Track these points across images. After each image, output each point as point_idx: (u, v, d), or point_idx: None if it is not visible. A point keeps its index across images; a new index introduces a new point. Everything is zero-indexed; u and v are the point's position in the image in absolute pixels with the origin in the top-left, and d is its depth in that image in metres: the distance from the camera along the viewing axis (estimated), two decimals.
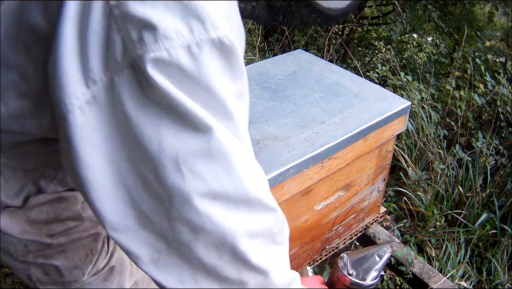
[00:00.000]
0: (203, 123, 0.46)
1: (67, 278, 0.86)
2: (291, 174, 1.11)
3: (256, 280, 0.53)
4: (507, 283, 1.81)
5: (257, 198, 0.52)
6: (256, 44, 3.22)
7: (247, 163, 0.51)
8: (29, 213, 0.75)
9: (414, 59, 3.38)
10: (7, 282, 1.84)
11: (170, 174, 0.45)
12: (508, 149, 2.35)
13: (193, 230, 0.47)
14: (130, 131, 0.46)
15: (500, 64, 3.06)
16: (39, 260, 0.81)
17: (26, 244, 0.77)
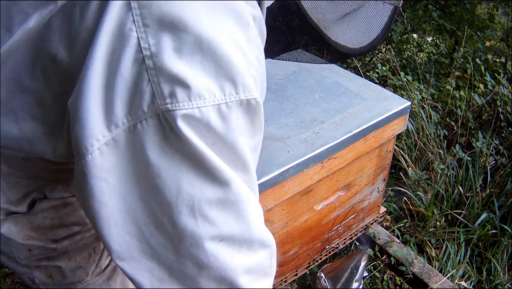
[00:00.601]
0: (223, 176, 0.49)
1: (70, 279, 0.86)
2: (291, 174, 1.11)
3: None
4: (507, 283, 1.80)
5: (259, 239, 0.56)
6: None
7: (256, 210, 0.55)
8: (34, 219, 0.75)
9: (414, 59, 3.37)
10: (7, 282, 1.84)
11: (184, 218, 0.49)
12: (508, 149, 2.34)
13: (199, 266, 0.51)
14: (147, 174, 0.48)
15: (500, 64, 3.06)
16: (42, 263, 0.81)
17: (30, 248, 0.78)
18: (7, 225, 0.73)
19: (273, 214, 1.19)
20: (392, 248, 1.68)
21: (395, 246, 1.69)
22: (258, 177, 0.96)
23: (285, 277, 1.44)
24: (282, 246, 1.32)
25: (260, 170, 1.06)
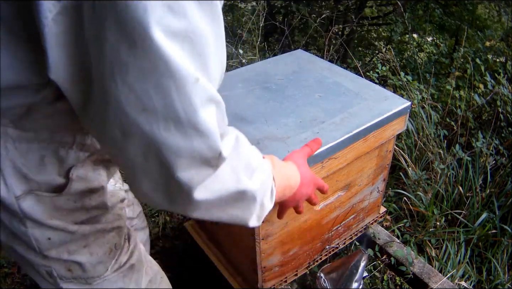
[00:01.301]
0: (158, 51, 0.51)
1: (90, 274, 0.87)
2: None
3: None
4: (507, 283, 1.80)
5: (193, 123, 0.56)
6: (256, 44, 3.22)
7: (200, 93, 0.56)
8: (57, 200, 0.76)
9: (414, 59, 3.38)
10: (7, 282, 1.84)
11: (112, 84, 0.52)
12: (508, 149, 2.34)
13: (124, 133, 0.55)
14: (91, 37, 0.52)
15: (500, 64, 3.06)
16: (63, 256, 0.82)
17: (50, 236, 0.78)
18: (30, 202, 0.73)
19: (273, 214, 1.19)
20: (392, 248, 1.68)
21: (395, 246, 1.68)
22: None
23: (285, 277, 1.44)
24: (282, 246, 1.32)
25: None
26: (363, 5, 4.69)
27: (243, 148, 0.69)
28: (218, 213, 0.69)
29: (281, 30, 3.96)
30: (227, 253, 1.55)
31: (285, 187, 0.87)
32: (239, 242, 1.34)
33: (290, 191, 0.90)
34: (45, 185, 0.74)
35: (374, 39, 5.62)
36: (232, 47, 3.49)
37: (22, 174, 0.71)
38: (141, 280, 0.98)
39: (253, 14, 3.48)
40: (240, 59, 3.33)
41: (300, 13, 4.04)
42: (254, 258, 1.27)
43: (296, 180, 0.92)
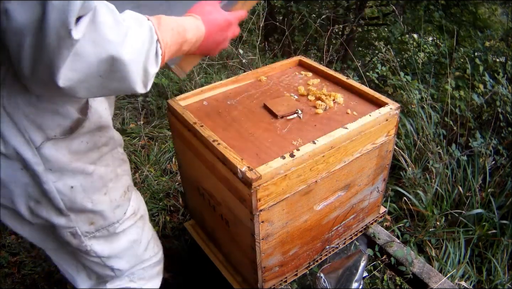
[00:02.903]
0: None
1: (110, 220, 0.99)
2: None
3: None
4: (507, 283, 1.81)
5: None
6: (256, 44, 3.22)
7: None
8: (71, 144, 0.85)
9: (414, 59, 3.37)
10: (7, 282, 1.84)
11: None
12: (507, 149, 2.34)
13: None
14: None
15: (500, 64, 3.06)
16: (88, 206, 0.92)
17: (72, 183, 0.88)
18: (49, 150, 0.82)
19: (273, 214, 1.20)
20: (392, 248, 1.68)
21: (395, 246, 1.69)
22: None
23: (285, 277, 1.44)
24: (282, 246, 1.32)
25: None
26: (363, 5, 4.69)
27: (105, 17, 0.67)
28: (99, 90, 0.70)
29: (281, 30, 3.95)
30: (227, 253, 1.55)
31: (181, 43, 0.85)
32: (239, 242, 1.34)
33: (191, 44, 0.88)
34: (59, 129, 0.82)
35: (374, 39, 5.61)
36: (232, 47, 3.49)
37: (37, 125, 0.79)
38: (148, 230, 1.15)
39: (253, 14, 3.48)
40: (240, 59, 3.33)
41: (300, 13, 4.04)
42: (254, 258, 1.27)
43: (195, 32, 0.89)
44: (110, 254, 1.05)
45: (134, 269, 1.16)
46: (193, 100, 1.47)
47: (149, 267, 1.21)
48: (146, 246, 1.17)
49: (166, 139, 2.71)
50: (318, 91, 1.48)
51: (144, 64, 0.73)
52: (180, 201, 2.18)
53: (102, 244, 1.02)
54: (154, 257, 1.23)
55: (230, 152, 1.16)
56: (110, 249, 1.04)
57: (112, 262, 1.07)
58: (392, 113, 1.37)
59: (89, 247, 1.00)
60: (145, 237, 1.15)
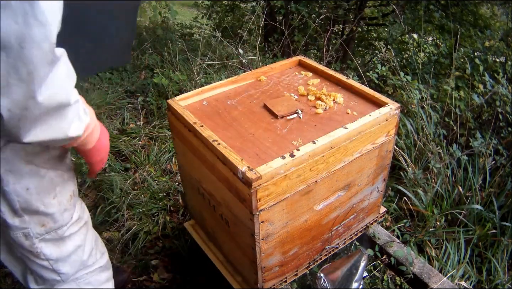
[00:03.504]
0: None
1: (59, 223, 1.08)
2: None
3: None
4: (507, 283, 1.80)
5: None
6: (256, 44, 3.22)
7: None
8: (27, 147, 0.93)
9: (414, 59, 3.38)
10: (7, 282, 1.84)
11: None
12: (507, 149, 2.34)
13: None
14: None
15: (500, 64, 3.06)
16: (40, 208, 1.01)
17: (27, 185, 0.97)
18: (9, 152, 0.91)
19: (273, 214, 1.20)
20: (392, 248, 1.68)
21: (395, 246, 1.69)
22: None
23: (285, 277, 1.44)
24: (282, 246, 1.32)
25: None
26: (363, 5, 4.69)
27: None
28: (41, 127, 0.79)
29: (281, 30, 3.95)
30: (227, 253, 1.55)
31: (94, 123, 0.97)
32: (239, 242, 1.34)
33: (96, 133, 0.99)
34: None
35: (374, 39, 5.61)
36: (232, 47, 3.49)
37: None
38: (91, 236, 1.22)
39: (253, 14, 3.48)
40: (240, 59, 3.33)
41: (300, 14, 4.03)
42: (254, 258, 1.27)
43: (98, 129, 1.01)
44: (57, 257, 1.12)
45: (78, 274, 1.21)
46: (193, 100, 1.47)
47: (94, 272, 1.26)
48: (90, 252, 1.22)
49: (166, 140, 2.71)
50: (318, 91, 1.48)
51: (79, 111, 0.88)
52: (180, 201, 2.18)
53: (50, 247, 1.09)
54: (98, 262, 1.27)
55: (230, 152, 1.16)
56: (58, 253, 1.12)
57: (59, 265, 1.14)
58: (392, 113, 1.37)
59: (39, 249, 1.07)
60: (88, 243, 1.22)
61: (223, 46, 3.75)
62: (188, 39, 4.47)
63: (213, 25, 5.14)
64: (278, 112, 1.36)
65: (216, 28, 4.47)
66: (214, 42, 3.91)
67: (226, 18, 5.85)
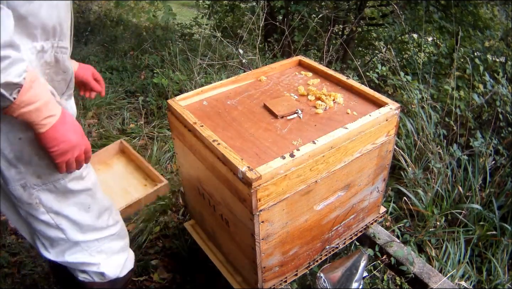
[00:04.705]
0: None
1: (57, 175, 1.06)
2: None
3: None
4: (507, 283, 1.80)
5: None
6: (256, 44, 3.22)
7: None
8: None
9: (414, 59, 3.37)
10: (7, 282, 1.84)
11: None
12: (507, 149, 2.34)
13: None
14: None
15: (500, 64, 3.06)
16: (34, 160, 1.01)
17: (20, 135, 0.96)
18: (2, 102, 0.87)
19: (273, 214, 1.20)
20: (392, 248, 1.68)
21: (395, 246, 1.68)
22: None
23: (285, 277, 1.44)
24: (282, 246, 1.32)
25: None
26: (363, 6, 4.69)
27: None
28: None
29: (281, 30, 3.95)
30: (227, 253, 1.55)
31: (40, 95, 0.90)
32: (239, 242, 1.34)
33: (46, 108, 0.93)
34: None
35: (374, 39, 5.61)
36: (232, 47, 3.49)
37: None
38: (101, 199, 1.20)
39: (253, 14, 3.48)
40: (240, 59, 3.33)
41: (300, 14, 4.03)
42: (254, 258, 1.27)
43: (55, 107, 0.96)
44: (58, 210, 1.11)
45: (88, 238, 1.19)
46: (193, 100, 1.47)
47: (105, 239, 1.23)
48: (98, 214, 1.20)
49: (166, 140, 2.71)
50: (318, 91, 1.48)
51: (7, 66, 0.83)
52: (180, 201, 2.18)
53: (49, 197, 1.08)
54: (110, 228, 1.24)
55: (230, 152, 1.16)
56: (58, 206, 1.10)
57: (60, 220, 1.12)
58: (392, 113, 1.37)
59: (37, 200, 1.07)
60: (97, 204, 1.19)
61: (223, 46, 3.75)
62: (188, 39, 4.47)
63: (213, 25, 5.14)
64: (278, 112, 1.36)
65: (216, 28, 4.48)
66: (214, 42, 3.91)
67: (226, 18, 5.85)
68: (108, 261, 1.25)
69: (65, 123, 0.98)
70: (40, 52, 0.97)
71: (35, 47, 0.96)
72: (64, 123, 0.98)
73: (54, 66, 1.03)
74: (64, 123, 0.98)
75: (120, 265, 1.29)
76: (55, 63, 1.03)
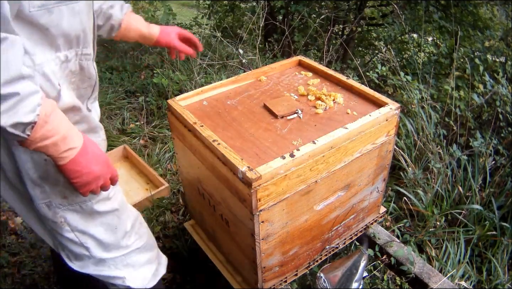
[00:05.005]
0: None
1: (81, 198, 1.04)
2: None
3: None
4: (507, 283, 1.81)
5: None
6: (256, 44, 3.22)
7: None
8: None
9: (414, 59, 3.37)
10: (7, 282, 1.84)
11: None
12: (507, 149, 2.34)
13: None
14: None
15: (500, 64, 3.06)
16: (60, 179, 0.98)
17: (46, 157, 0.94)
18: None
19: (273, 214, 1.20)
20: (392, 248, 1.68)
21: (395, 246, 1.68)
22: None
23: (285, 277, 1.44)
24: (282, 246, 1.32)
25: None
26: (363, 6, 4.69)
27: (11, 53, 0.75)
28: None
29: (281, 30, 3.95)
30: (227, 253, 1.55)
31: (57, 129, 0.85)
32: (239, 242, 1.34)
33: (64, 142, 0.88)
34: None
35: (374, 39, 5.61)
36: (232, 47, 3.49)
37: None
38: (126, 218, 1.17)
39: (253, 14, 3.48)
40: (240, 59, 3.33)
41: (300, 13, 4.03)
42: (254, 258, 1.27)
43: (76, 139, 0.91)
44: (84, 229, 1.08)
45: (112, 255, 1.16)
46: (193, 100, 1.47)
47: (131, 253, 1.20)
48: (124, 233, 1.17)
49: (166, 140, 2.71)
50: (318, 91, 1.48)
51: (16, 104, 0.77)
52: (180, 201, 2.18)
53: (75, 217, 1.06)
54: (137, 243, 1.21)
55: (230, 152, 1.16)
56: (84, 226, 1.08)
57: (85, 238, 1.10)
58: (392, 113, 1.37)
59: (62, 219, 1.04)
60: (124, 224, 1.16)
61: (223, 46, 3.75)
62: None
63: (213, 25, 5.14)
64: (278, 112, 1.36)
65: (216, 28, 4.47)
66: (214, 42, 3.91)
67: (226, 18, 5.85)
68: (134, 274, 1.23)
69: (86, 154, 0.93)
70: (64, 62, 0.94)
71: (59, 57, 0.93)
72: (86, 154, 0.93)
73: (79, 74, 1.00)
74: (85, 154, 0.92)
75: (146, 278, 1.26)
76: (80, 70, 1.00)
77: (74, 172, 0.91)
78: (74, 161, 0.90)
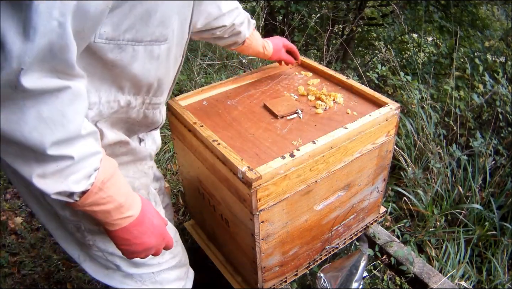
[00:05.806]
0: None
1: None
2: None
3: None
4: (507, 283, 1.81)
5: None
6: None
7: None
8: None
9: (414, 59, 3.37)
10: (7, 282, 1.84)
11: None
12: (507, 149, 2.34)
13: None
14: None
15: (500, 64, 3.06)
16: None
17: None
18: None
19: (273, 214, 1.20)
20: (392, 248, 1.68)
21: (395, 246, 1.69)
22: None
23: (285, 277, 1.44)
24: (282, 246, 1.32)
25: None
26: (363, 6, 4.69)
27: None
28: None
29: (281, 30, 3.95)
30: (227, 253, 1.55)
31: (112, 197, 0.74)
32: (239, 242, 1.34)
33: (118, 211, 0.77)
34: None
35: (374, 39, 5.61)
36: None
37: None
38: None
39: (253, 14, 3.48)
40: (240, 59, 3.33)
41: (300, 13, 4.03)
42: (254, 258, 1.27)
43: (133, 207, 0.80)
44: (113, 252, 1.00)
45: (141, 271, 1.09)
46: (193, 100, 1.47)
47: (160, 272, 1.13)
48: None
49: (166, 140, 2.71)
50: (318, 91, 1.48)
51: (66, 169, 0.65)
52: (180, 201, 2.18)
53: (105, 240, 0.96)
54: (169, 262, 1.13)
55: (230, 152, 1.16)
56: (114, 249, 0.96)
57: (115, 259, 1.02)
58: (392, 113, 1.37)
59: (91, 242, 0.96)
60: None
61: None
62: None
63: None
64: (278, 112, 1.36)
65: None
66: None
67: None
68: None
69: (142, 225, 0.80)
70: (124, 107, 0.80)
71: (119, 101, 0.78)
72: (141, 224, 0.80)
73: (140, 121, 0.87)
74: (140, 225, 0.80)
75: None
76: (142, 119, 0.87)
77: (123, 240, 0.80)
78: (125, 229, 0.79)
